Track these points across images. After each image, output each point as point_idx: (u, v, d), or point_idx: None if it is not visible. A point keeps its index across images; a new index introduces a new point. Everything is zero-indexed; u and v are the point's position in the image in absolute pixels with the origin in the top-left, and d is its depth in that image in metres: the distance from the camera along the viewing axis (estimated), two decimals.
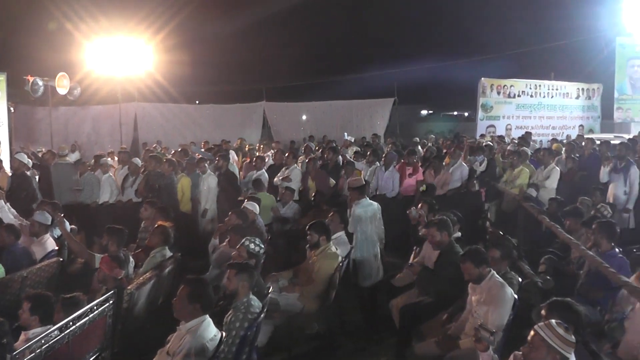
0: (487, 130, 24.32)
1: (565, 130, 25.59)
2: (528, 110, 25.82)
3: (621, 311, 6.36)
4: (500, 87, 25.38)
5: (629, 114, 27.26)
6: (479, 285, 6.27)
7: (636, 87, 27.39)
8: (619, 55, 27.34)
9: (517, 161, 12.94)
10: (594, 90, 27.37)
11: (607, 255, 7.08)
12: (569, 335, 4.28)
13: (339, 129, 25.14)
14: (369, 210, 9.13)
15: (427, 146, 17.29)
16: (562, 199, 11.04)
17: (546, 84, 26.55)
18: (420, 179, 12.84)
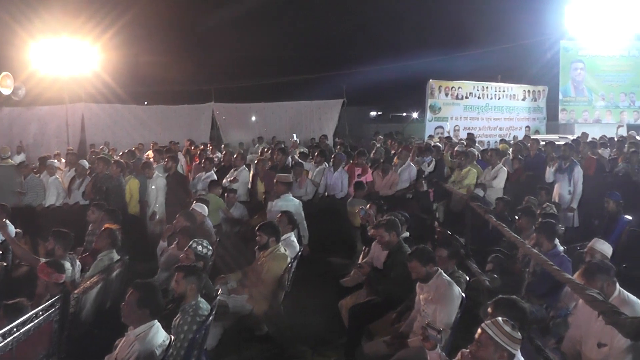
0: (436, 131, 24.54)
1: (512, 131, 25.98)
2: (476, 111, 26.16)
3: (565, 307, 6.48)
4: (448, 88, 25.65)
5: (572, 115, 27.84)
6: (426, 284, 6.32)
7: (579, 90, 27.99)
8: (562, 58, 27.93)
9: (465, 162, 13.09)
10: (540, 92, 27.89)
11: (549, 254, 7.22)
12: (515, 332, 4.33)
13: (288, 130, 25.09)
14: (290, 205, 10.10)
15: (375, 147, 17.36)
16: (508, 199, 11.22)
17: (493, 85, 26.95)
18: (369, 179, 12.90)
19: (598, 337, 5.32)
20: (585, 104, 28.11)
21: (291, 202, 10.45)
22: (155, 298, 5.38)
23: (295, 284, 8.46)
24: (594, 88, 27.97)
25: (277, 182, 10.69)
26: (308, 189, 12.87)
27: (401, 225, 8.18)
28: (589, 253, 6.96)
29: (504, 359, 4.31)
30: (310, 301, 8.93)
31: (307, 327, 8.41)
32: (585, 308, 5.30)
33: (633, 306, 5.44)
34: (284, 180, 10.74)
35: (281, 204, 10.21)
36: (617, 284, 5.75)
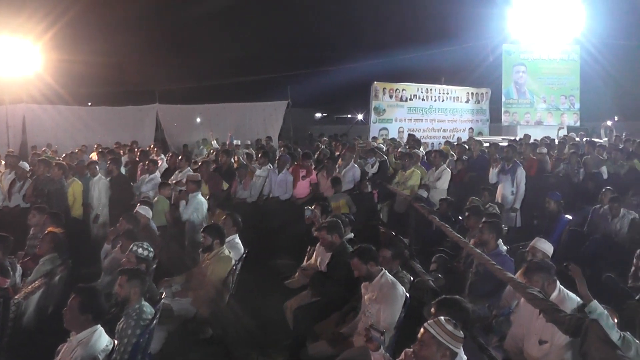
0: (380, 133, 24.67)
1: (455, 133, 26.27)
2: (420, 113, 26.38)
3: (508, 306, 6.55)
4: (392, 90, 25.80)
5: (515, 117, 28.33)
6: (371, 284, 6.35)
7: (521, 92, 28.50)
8: (505, 61, 28.43)
9: (409, 163, 13.15)
10: (483, 94, 28.27)
11: (492, 254, 7.30)
12: (457, 331, 4.37)
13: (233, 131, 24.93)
14: (199, 204, 10.63)
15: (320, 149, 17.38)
16: (452, 200, 11.32)
17: (437, 88, 27.21)
18: (314, 181, 12.89)
19: (539, 334, 5.40)
20: (527, 106, 28.63)
21: (197, 200, 10.72)
22: (98, 302, 5.28)
23: (240, 286, 8.42)
24: (536, 91, 28.51)
25: (188, 181, 10.97)
26: (252, 191, 12.81)
27: (344, 226, 8.19)
28: (530, 252, 7.05)
29: (447, 357, 4.34)
30: (255, 303, 8.89)
31: (252, 330, 8.36)
32: (526, 306, 5.36)
33: (572, 304, 5.51)
34: (194, 179, 11.03)
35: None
36: (557, 283, 5.84)
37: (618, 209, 10.44)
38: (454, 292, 5.98)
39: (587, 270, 9.17)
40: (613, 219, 10.44)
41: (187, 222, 10.70)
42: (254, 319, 8.59)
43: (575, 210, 11.41)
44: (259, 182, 12.93)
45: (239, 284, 8.38)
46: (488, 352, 5.60)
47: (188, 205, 10.68)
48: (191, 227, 10.66)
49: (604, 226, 10.51)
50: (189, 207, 10.67)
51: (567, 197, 11.32)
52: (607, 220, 10.51)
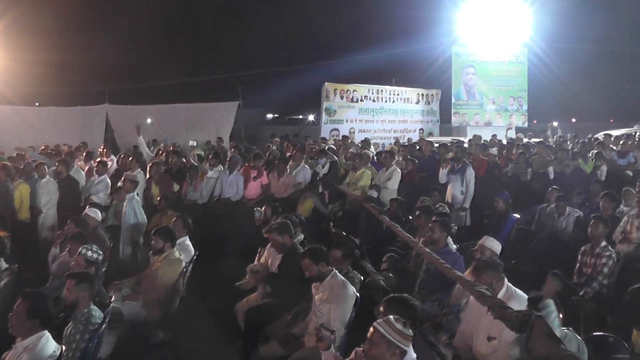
0: (331, 133, 24.70)
1: (406, 134, 26.46)
2: (370, 114, 26.48)
3: (457, 304, 6.62)
4: (343, 91, 25.86)
5: (465, 118, 28.73)
6: (322, 284, 6.36)
7: (471, 94, 28.90)
8: (455, 63, 28.81)
9: (359, 163, 13.21)
10: (433, 95, 28.51)
11: (442, 252, 7.39)
12: (406, 329, 4.40)
13: (184, 132, 24.70)
14: (134, 203, 10.63)
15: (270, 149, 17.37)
16: (402, 200, 11.40)
17: (388, 89, 27.36)
18: (265, 182, 12.86)
19: (487, 331, 5.46)
20: (476, 108, 29.06)
21: (131, 201, 10.70)
22: (46, 307, 5.19)
23: (191, 288, 8.36)
24: (485, 92, 28.94)
25: (125, 180, 10.90)
26: (203, 192, 12.74)
27: (295, 227, 8.19)
28: (479, 250, 7.13)
29: (396, 356, 4.37)
30: (206, 305, 8.85)
31: (203, 332, 8.31)
32: (475, 304, 5.42)
33: (520, 300, 5.61)
34: (132, 179, 10.97)
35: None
36: (505, 280, 5.92)
37: (564, 208, 10.69)
38: (404, 291, 6.03)
39: (535, 267, 9.41)
40: (559, 217, 10.67)
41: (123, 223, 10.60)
42: (205, 321, 8.56)
43: (523, 209, 11.58)
44: (210, 184, 12.86)
45: (189, 286, 8.32)
46: (437, 349, 5.65)
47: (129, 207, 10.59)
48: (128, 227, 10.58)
49: (551, 224, 10.73)
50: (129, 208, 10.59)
51: (515, 197, 11.51)
52: (554, 219, 10.74)
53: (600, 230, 8.29)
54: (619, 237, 9.55)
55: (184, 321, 8.17)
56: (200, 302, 8.78)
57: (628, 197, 10.76)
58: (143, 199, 12.63)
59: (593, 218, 8.61)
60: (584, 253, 8.41)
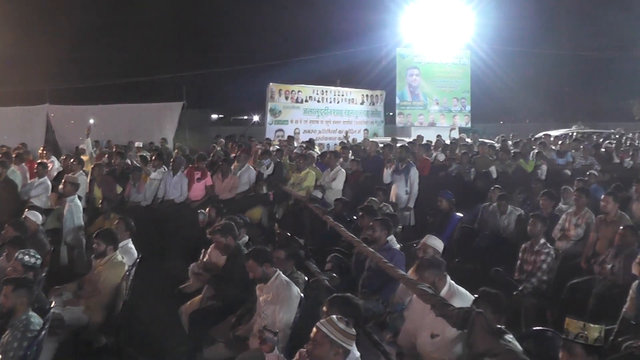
0: (276, 134, 24.66)
1: (351, 134, 26.51)
2: (315, 115, 26.50)
3: (401, 302, 6.69)
4: (288, 92, 25.82)
5: (409, 119, 28.98)
6: (265, 285, 6.36)
7: (415, 94, 29.16)
8: (399, 64, 29.04)
9: (304, 164, 13.23)
10: (378, 96, 28.64)
11: (383, 249, 7.48)
12: (349, 328, 4.44)
13: (127, 133, 24.39)
14: (73, 206, 10.52)
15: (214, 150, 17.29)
16: (347, 200, 11.46)
17: (332, 90, 27.41)
18: (209, 183, 12.79)
19: (431, 328, 5.53)
20: (420, 108, 29.32)
21: (74, 204, 10.60)
22: None
23: (134, 292, 8.22)
24: (429, 93, 29.23)
25: (65, 183, 10.79)
26: (147, 194, 12.61)
27: (239, 228, 8.17)
28: (421, 249, 7.22)
29: (340, 355, 4.40)
30: (150, 309, 8.71)
31: (147, 336, 8.21)
32: (419, 302, 5.48)
33: (462, 298, 5.69)
34: (72, 181, 10.87)
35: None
36: (447, 278, 6.01)
37: (506, 206, 10.88)
38: (349, 291, 6.06)
39: (478, 265, 9.56)
40: (501, 215, 10.87)
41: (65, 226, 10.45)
42: (148, 325, 8.45)
43: (466, 208, 11.74)
44: (153, 185, 12.74)
45: (132, 289, 8.19)
46: (382, 347, 5.70)
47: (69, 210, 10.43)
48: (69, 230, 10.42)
49: (493, 223, 10.92)
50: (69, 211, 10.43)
51: (458, 196, 11.63)
52: (496, 217, 10.92)
53: (539, 228, 8.48)
54: (557, 234, 9.80)
55: (127, 325, 8.06)
56: (144, 306, 8.64)
57: (566, 195, 11.03)
58: (85, 201, 12.47)
59: (531, 216, 8.81)
60: (524, 250, 8.59)
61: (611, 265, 8.06)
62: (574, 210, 9.96)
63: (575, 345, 4.43)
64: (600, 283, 8.02)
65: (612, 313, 6.83)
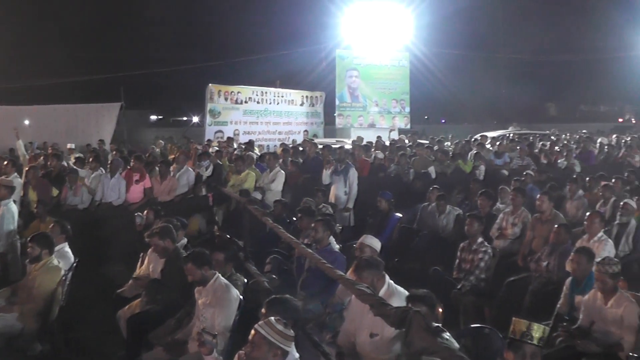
0: (216, 135, 24.55)
1: (291, 136, 26.58)
2: (255, 116, 26.53)
3: (341, 302, 6.70)
4: (227, 93, 25.79)
5: (348, 120, 29.16)
6: (204, 288, 6.30)
7: (354, 96, 29.35)
8: (338, 65, 29.20)
9: (243, 165, 13.18)
10: (317, 97, 28.79)
11: (325, 250, 7.50)
12: (287, 329, 4.44)
13: (64, 134, 23.96)
14: (12, 209, 10.16)
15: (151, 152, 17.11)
16: (286, 201, 11.44)
17: (272, 91, 27.49)
18: (148, 186, 12.63)
19: (370, 328, 5.55)
20: (360, 110, 29.53)
21: (9, 207, 10.24)
22: None
23: (71, 297, 8.06)
24: (368, 95, 29.46)
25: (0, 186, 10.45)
26: (84, 197, 12.39)
27: (177, 231, 8.09)
28: (359, 249, 7.22)
29: (278, 356, 4.40)
30: (87, 314, 8.56)
31: (84, 342, 8.08)
32: (358, 302, 5.48)
33: (401, 297, 5.70)
34: (7, 184, 10.39)
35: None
36: (386, 278, 6.02)
37: (444, 206, 11.03)
38: (289, 292, 6.05)
39: (417, 264, 9.65)
40: (440, 215, 11.00)
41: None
42: (85, 330, 8.32)
43: (405, 208, 11.83)
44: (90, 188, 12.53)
45: (69, 294, 8.03)
46: (321, 348, 5.71)
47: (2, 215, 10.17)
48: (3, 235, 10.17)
49: (432, 222, 11.04)
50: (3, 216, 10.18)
51: (397, 196, 11.72)
52: (435, 217, 11.05)
53: (476, 228, 8.60)
54: (495, 233, 9.96)
55: (64, 332, 7.90)
56: (80, 311, 8.48)
57: (504, 195, 11.22)
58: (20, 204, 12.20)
59: (469, 216, 8.94)
60: (463, 249, 8.71)
61: (546, 262, 8.24)
62: (511, 210, 10.14)
63: (522, 345, 4.52)
64: (536, 280, 8.20)
65: (547, 309, 6.98)
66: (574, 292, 6.86)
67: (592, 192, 11.81)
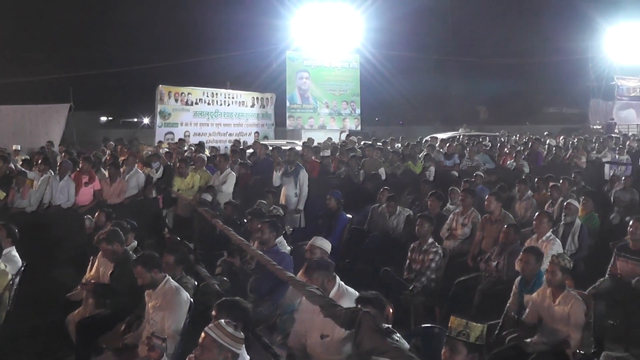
0: (166, 137, 24.40)
1: (241, 137, 26.51)
2: (206, 117, 26.47)
3: (291, 304, 6.71)
4: (178, 94, 25.68)
5: (299, 121, 29.24)
6: (154, 292, 6.25)
7: (305, 98, 29.47)
8: (289, 67, 29.31)
9: (186, 169, 13.06)
10: (268, 99, 28.80)
11: (272, 251, 7.51)
12: (237, 332, 4.45)
13: (10, 135, 23.50)
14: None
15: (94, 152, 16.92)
16: (237, 203, 11.39)
17: (223, 92, 27.42)
18: (97, 188, 12.47)
19: (321, 329, 5.58)
20: (310, 111, 29.65)
21: None
22: None
23: (19, 302, 7.91)
24: (319, 96, 29.58)
25: None
26: (32, 200, 12.17)
27: (126, 234, 8.00)
28: (309, 250, 7.25)
29: (229, 359, 4.40)
30: (36, 319, 8.43)
31: (32, 347, 7.94)
32: (308, 303, 5.49)
33: (351, 298, 5.73)
34: None
35: None
36: (337, 279, 6.07)
37: (394, 207, 11.07)
38: (240, 294, 6.03)
39: (368, 265, 9.69)
40: (390, 216, 11.05)
41: None
42: (34, 336, 8.19)
43: (356, 209, 11.90)
44: (39, 190, 12.31)
45: (17, 299, 7.89)
46: (272, 350, 5.70)
47: None
48: None
49: (382, 223, 11.09)
50: None
51: (348, 198, 11.77)
52: (385, 218, 11.10)
53: (426, 228, 8.69)
54: (445, 233, 10.07)
55: (12, 337, 7.76)
56: (29, 316, 8.34)
57: (454, 196, 11.33)
58: None
59: (419, 217, 9.02)
60: (413, 250, 8.78)
61: (496, 262, 8.37)
62: (461, 210, 10.27)
63: (457, 343, 4.59)
64: (485, 280, 8.34)
65: (497, 308, 7.08)
66: (522, 292, 6.98)
67: (541, 192, 12.03)
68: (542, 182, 12.26)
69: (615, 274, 8.00)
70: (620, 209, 11.92)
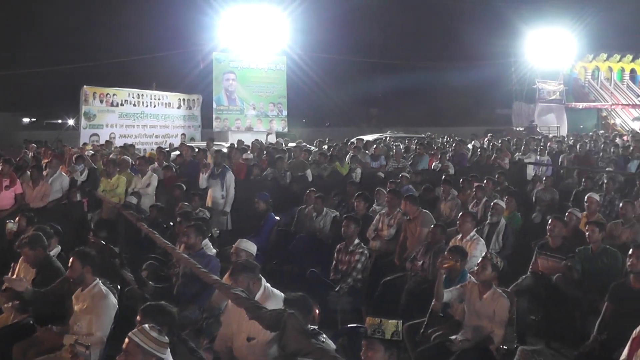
0: (91, 139, 23.99)
1: (168, 139, 26.28)
2: (131, 119, 26.20)
3: (218, 307, 6.69)
4: (103, 95, 25.33)
5: (226, 123, 29.17)
6: (82, 293, 6.17)
7: (232, 99, 29.41)
8: (215, 68, 29.21)
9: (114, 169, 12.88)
10: (194, 100, 28.69)
11: (198, 254, 7.47)
12: (162, 336, 4.43)
13: None
14: None
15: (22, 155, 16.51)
16: (162, 206, 11.29)
17: (148, 93, 27.19)
18: (19, 191, 12.16)
19: (247, 332, 5.59)
20: (237, 113, 29.59)
21: None
22: None
23: None
24: (246, 98, 29.56)
25: None
26: None
27: (49, 238, 7.82)
28: (235, 253, 7.23)
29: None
30: None
31: None
32: (234, 306, 5.49)
33: (277, 300, 5.76)
34: None
35: None
36: (263, 281, 6.07)
37: (321, 209, 11.10)
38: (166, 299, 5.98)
39: (294, 267, 9.73)
40: (317, 217, 11.07)
41: None
42: None
43: (283, 211, 11.91)
44: None
45: None
46: (198, 354, 5.66)
47: None
48: None
49: (309, 225, 11.10)
50: None
51: (275, 199, 11.77)
52: (312, 219, 11.11)
53: (352, 229, 8.74)
54: (371, 234, 10.15)
55: None
56: None
57: (380, 197, 11.42)
58: None
59: (345, 218, 9.10)
60: (339, 251, 8.83)
61: (421, 262, 8.48)
62: (387, 211, 10.37)
63: (374, 342, 4.72)
64: (411, 279, 8.45)
65: (423, 307, 7.17)
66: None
67: (465, 192, 12.26)
68: (466, 183, 12.50)
69: (536, 271, 8.28)
70: (541, 208, 12.26)
